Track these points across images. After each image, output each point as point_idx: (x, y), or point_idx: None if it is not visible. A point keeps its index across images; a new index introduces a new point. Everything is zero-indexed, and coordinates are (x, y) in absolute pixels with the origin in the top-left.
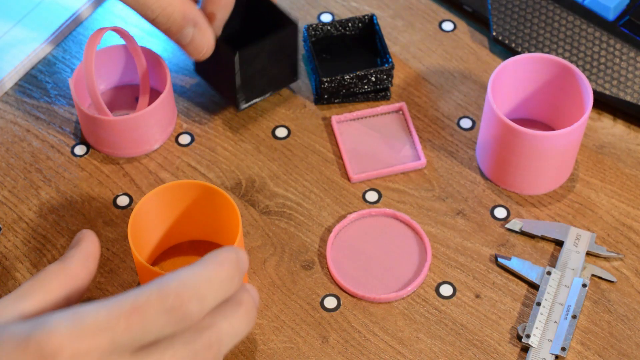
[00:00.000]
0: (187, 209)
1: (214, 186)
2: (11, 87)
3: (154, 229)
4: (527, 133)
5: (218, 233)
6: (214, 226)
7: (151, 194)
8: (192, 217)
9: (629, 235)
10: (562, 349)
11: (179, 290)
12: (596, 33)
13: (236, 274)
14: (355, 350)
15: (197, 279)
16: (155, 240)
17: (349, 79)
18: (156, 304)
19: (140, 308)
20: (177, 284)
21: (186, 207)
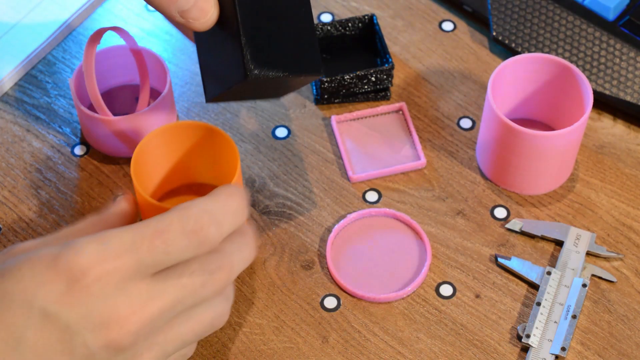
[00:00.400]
0: (187, 150)
1: (215, 127)
2: (11, 87)
3: (155, 168)
4: (527, 133)
5: (217, 175)
6: (214, 168)
7: (153, 133)
8: (192, 159)
9: (629, 235)
10: (562, 349)
11: (198, 215)
12: (596, 33)
13: (245, 206)
14: (355, 350)
15: (215, 207)
16: (156, 181)
17: (349, 79)
18: (178, 228)
19: (163, 231)
20: (197, 210)
21: (187, 148)
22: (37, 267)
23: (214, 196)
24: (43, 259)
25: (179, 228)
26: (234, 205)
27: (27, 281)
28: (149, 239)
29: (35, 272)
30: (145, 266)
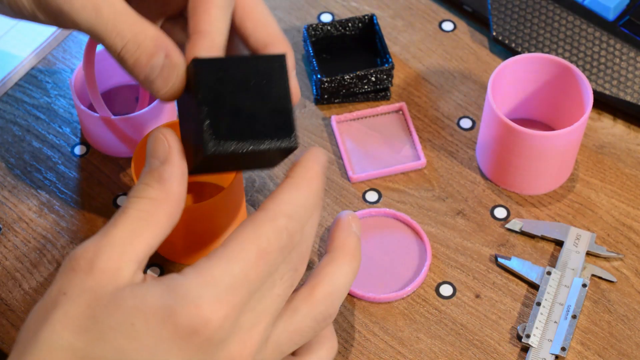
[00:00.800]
0: None
1: None
2: (11, 87)
3: None
4: (527, 133)
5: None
6: None
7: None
8: None
9: (629, 235)
10: (562, 349)
11: (288, 225)
12: (596, 33)
13: (323, 188)
14: (355, 350)
15: (299, 208)
16: None
17: (349, 79)
18: (275, 245)
19: (263, 253)
20: (286, 220)
21: None
22: (152, 323)
23: (297, 189)
24: (157, 313)
25: (277, 245)
26: (315, 197)
27: (143, 339)
28: (255, 267)
29: (151, 329)
30: (254, 293)
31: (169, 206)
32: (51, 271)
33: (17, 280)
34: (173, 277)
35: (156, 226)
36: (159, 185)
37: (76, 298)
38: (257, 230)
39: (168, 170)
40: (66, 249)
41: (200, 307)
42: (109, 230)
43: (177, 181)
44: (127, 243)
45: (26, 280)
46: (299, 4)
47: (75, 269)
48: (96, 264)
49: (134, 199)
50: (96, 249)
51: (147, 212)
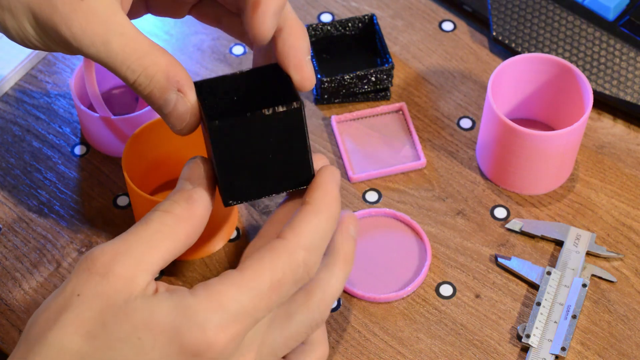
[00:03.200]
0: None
1: None
2: (11, 87)
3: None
4: (527, 133)
5: None
6: None
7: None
8: (184, 152)
9: (629, 235)
10: (562, 349)
11: (306, 259)
12: (596, 33)
13: (340, 209)
14: (355, 350)
15: (318, 239)
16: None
17: (349, 79)
18: (290, 278)
19: (277, 285)
20: (305, 254)
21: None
22: (159, 340)
23: (316, 218)
24: (164, 331)
25: (291, 277)
26: (333, 223)
27: (149, 354)
28: (266, 298)
29: (157, 345)
30: (261, 319)
31: (190, 226)
32: (51, 271)
33: (17, 280)
34: (184, 294)
35: (174, 241)
36: (186, 205)
37: (89, 301)
38: (274, 261)
39: (198, 192)
40: (66, 249)
41: (205, 332)
42: (128, 237)
43: (203, 205)
44: (145, 253)
45: (26, 280)
46: (299, 4)
47: (91, 270)
48: (112, 269)
49: (159, 212)
50: (114, 253)
51: (168, 227)
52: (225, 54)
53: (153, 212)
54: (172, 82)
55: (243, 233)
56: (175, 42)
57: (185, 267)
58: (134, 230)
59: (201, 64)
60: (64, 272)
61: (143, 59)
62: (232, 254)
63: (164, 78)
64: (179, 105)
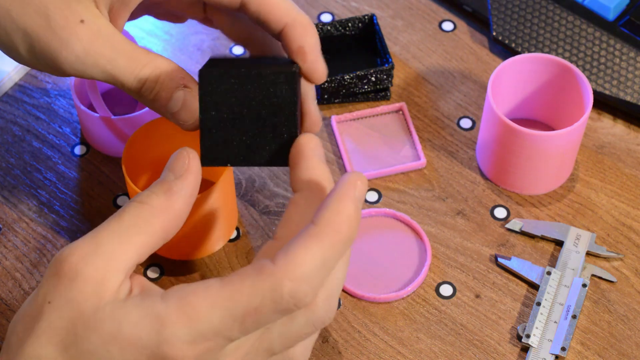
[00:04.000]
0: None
1: None
2: (11, 87)
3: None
4: (527, 133)
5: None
6: None
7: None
8: None
9: (629, 235)
10: (562, 349)
11: (293, 291)
12: (596, 33)
13: (356, 228)
14: (355, 350)
15: (314, 272)
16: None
17: (349, 79)
18: (269, 307)
19: (254, 311)
20: (293, 285)
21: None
22: (127, 353)
23: (317, 247)
24: (132, 343)
25: (272, 308)
26: (337, 254)
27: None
28: (240, 320)
29: (126, 357)
30: (235, 339)
31: (166, 218)
32: None
33: (17, 280)
34: (154, 301)
35: (148, 235)
36: (164, 196)
37: (60, 309)
38: (255, 286)
39: (178, 184)
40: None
41: (172, 346)
42: (99, 233)
43: (183, 198)
44: (116, 250)
45: (26, 280)
46: (299, 4)
47: (60, 275)
48: (81, 272)
49: (134, 203)
50: (82, 253)
51: (142, 219)
52: (225, 54)
53: (129, 203)
54: (177, 80)
55: (243, 233)
56: (175, 42)
57: (185, 267)
58: (106, 225)
59: (201, 64)
60: None
61: (147, 66)
62: (232, 254)
63: (168, 79)
64: (187, 99)
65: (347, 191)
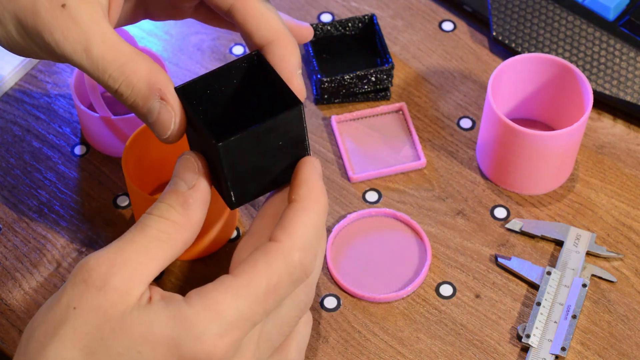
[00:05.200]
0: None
1: None
2: (11, 87)
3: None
4: (527, 133)
5: None
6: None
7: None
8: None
9: (629, 235)
10: (562, 349)
11: (302, 259)
12: (596, 33)
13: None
14: (355, 350)
15: (311, 238)
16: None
17: (349, 79)
18: (286, 280)
19: (274, 289)
20: (301, 254)
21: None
22: (159, 352)
23: (308, 216)
24: (163, 343)
25: (287, 280)
26: (323, 219)
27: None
28: (263, 302)
29: (157, 357)
30: (259, 322)
31: (187, 232)
32: (51, 271)
33: (17, 280)
34: (179, 304)
35: (171, 249)
36: (182, 210)
37: (86, 315)
38: (270, 266)
39: (194, 196)
40: (66, 249)
41: (204, 342)
42: (125, 245)
43: (200, 209)
44: (142, 262)
45: (26, 280)
46: (299, 4)
47: (88, 282)
48: (109, 281)
49: (155, 217)
50: (110, 264)
51: (166, 234)
52: (225, 54)
53: (149, 216)
54: (154, 89)
55: (243, 233)
56: (175, 42)
57: (185, 267)
58: (130, 237)
59: (201, 64)
60: (64, 272)
61: (124, 66)
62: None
63: (145, 86)
64: (162, 113)
65: (312, 170)
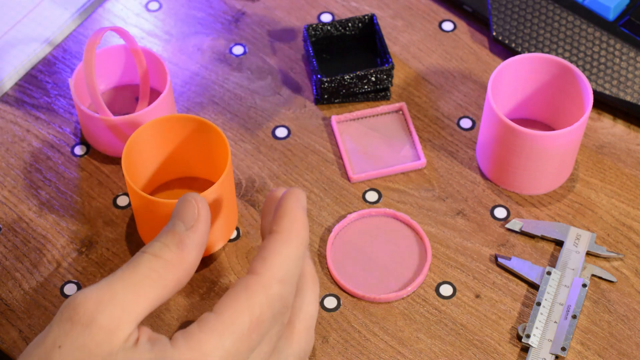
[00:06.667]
0: (179, 143)
1: (205, 120)
2: (11, 87)
3: (147, 162)
4: (527, 133)
5: (209, 168)
6: (206, 161)
7: (144, 126)
8: (184, 152)
9: (629, 235)
10: (562, 349)
11: (281, 292)
12: (596, 33)
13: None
14: (355, 350)
15: (291, 270)
16: (148, 175)
17: (349, 79)
18: (268, 314)
19: (257, 323)
20: (279, 287)
21: (179, 141)
22: None
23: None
24: None
25: (270, 314)
26: (303, 250)
27: None
28: (247, 337)
29: None
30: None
31: (180, 272)
32: (51, 271)
33: (17, 280)
34: (165, 347)
35: (163, 289)
36: (177, 250)
37: (71, 355)
38: (250, 299)
39: (191, 237)
40: (66, 249)
41: None
42: (114, 282)
43: (195, 250)
44: (131, 301)
45: (26, 280)
46: (299, 4)
47: (74, 320)
48: (95, 319)
49: (148, 255)
50: (97, 301)
51: (157, 273)
52: (225, 54)
53: (142, 254)
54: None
55: (243, 233)
56: (175, 42)
57: None
58: (120, 275)
59: (201, 64)
60: (63, 272)
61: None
62: (232, 254)
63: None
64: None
65: (296, 202)
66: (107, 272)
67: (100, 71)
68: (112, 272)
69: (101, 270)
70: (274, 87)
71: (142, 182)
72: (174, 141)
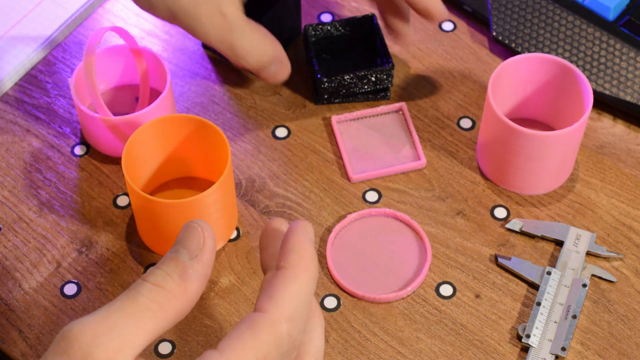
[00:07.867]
0: (179, 143)
1: (206, 120)
2: (11, 87)
3: (147, 162)
4: (527, 133)
5: (209, 168)
6: (206, 161)
7: (144, 126)
8: (184, 152)
9: (629, 235)
10: (562, 349)
11: (290, 331)
12: (596, 33)
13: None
14: (355, 350)
15: (300, 307)
16: (148, 175)
17: (349, 79)
18: (275, 354)
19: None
20: (288, 325)
21: (179, 141)
22: None
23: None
24: None
25: (277, 353)
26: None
27: None
28: None
29: None
30: None
31: (181, 304)
32: (51, 271)
33: (17, 280)
34: None
35: (163, 320)
36: (180, 280)
37: None
38: (257, 338)
39: (195, 267)
40: (66, 249)
41: None
42: (112, 313)
43: (198, 281)
44: (129, 334)
45: (26, 280)
46: None
47: (69, 353)
48: (92, 353)
49: (149, 285)
50: (94, 333)
51: (158, 305)
52: None
53: (143, 283)
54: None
55: (243, 233)
56: (175, 42)
57: None
58: (119, 305)
59: (201, 64)
60: (63, 272)
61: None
62: (232, 254)
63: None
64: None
65: (303, 235)
66: (107, 272)
67: (100, 71)
68: (112, 272)
69: (101, 270)
70: (274, 87)
71: (142, 182)
72: (174, 141)
